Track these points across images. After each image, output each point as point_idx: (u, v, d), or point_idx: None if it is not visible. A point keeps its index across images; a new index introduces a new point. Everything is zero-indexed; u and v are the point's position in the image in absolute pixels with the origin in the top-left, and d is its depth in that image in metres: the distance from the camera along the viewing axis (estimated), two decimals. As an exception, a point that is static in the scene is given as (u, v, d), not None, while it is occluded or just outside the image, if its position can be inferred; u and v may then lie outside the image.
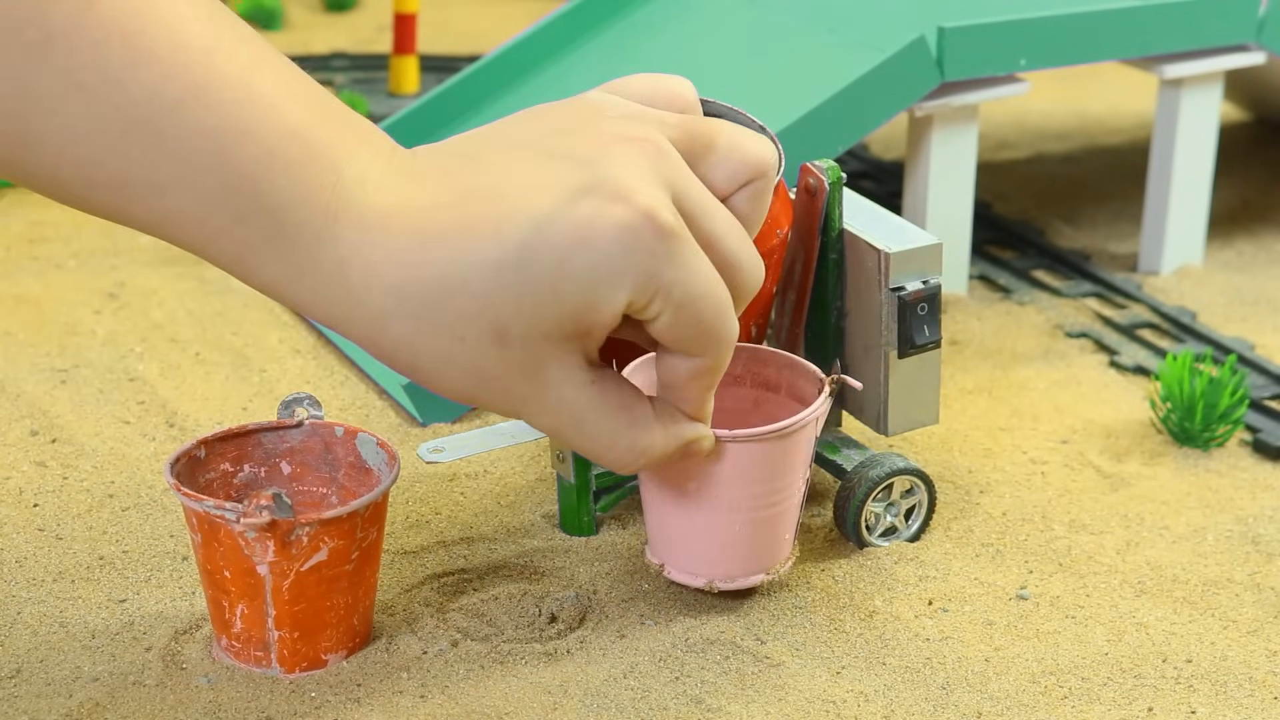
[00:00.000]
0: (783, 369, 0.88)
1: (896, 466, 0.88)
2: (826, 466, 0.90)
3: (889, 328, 0.87)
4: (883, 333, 0.87)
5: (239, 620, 0.77)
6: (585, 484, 0.88)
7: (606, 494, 0.89)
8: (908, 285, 0.86)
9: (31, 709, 0.75)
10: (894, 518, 0.89)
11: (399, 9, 1.54)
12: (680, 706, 0.77)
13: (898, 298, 0.86)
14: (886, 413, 0.88)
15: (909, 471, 0.89)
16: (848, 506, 0.88)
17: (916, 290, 0.86)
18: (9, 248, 1.22)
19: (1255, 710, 0.78)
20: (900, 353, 0.87)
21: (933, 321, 0.87)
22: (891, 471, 0.88)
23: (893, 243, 0.86)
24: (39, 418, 0.99)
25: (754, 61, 1.16)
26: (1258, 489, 0.96)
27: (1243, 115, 1.56)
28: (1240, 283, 1.24)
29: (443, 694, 0.77)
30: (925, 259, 0.87)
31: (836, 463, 0.89)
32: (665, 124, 0.72)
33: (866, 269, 0.87)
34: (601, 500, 0.89)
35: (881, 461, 0.88)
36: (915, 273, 0.87)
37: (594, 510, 0.89)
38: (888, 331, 0.87)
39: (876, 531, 0.89)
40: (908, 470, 0.88)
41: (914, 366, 0.88)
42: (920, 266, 0.87)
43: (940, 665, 0.80)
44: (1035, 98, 1.51)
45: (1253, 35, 1.18)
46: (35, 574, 0.85)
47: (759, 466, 0.81)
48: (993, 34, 1.10)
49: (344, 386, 1.04)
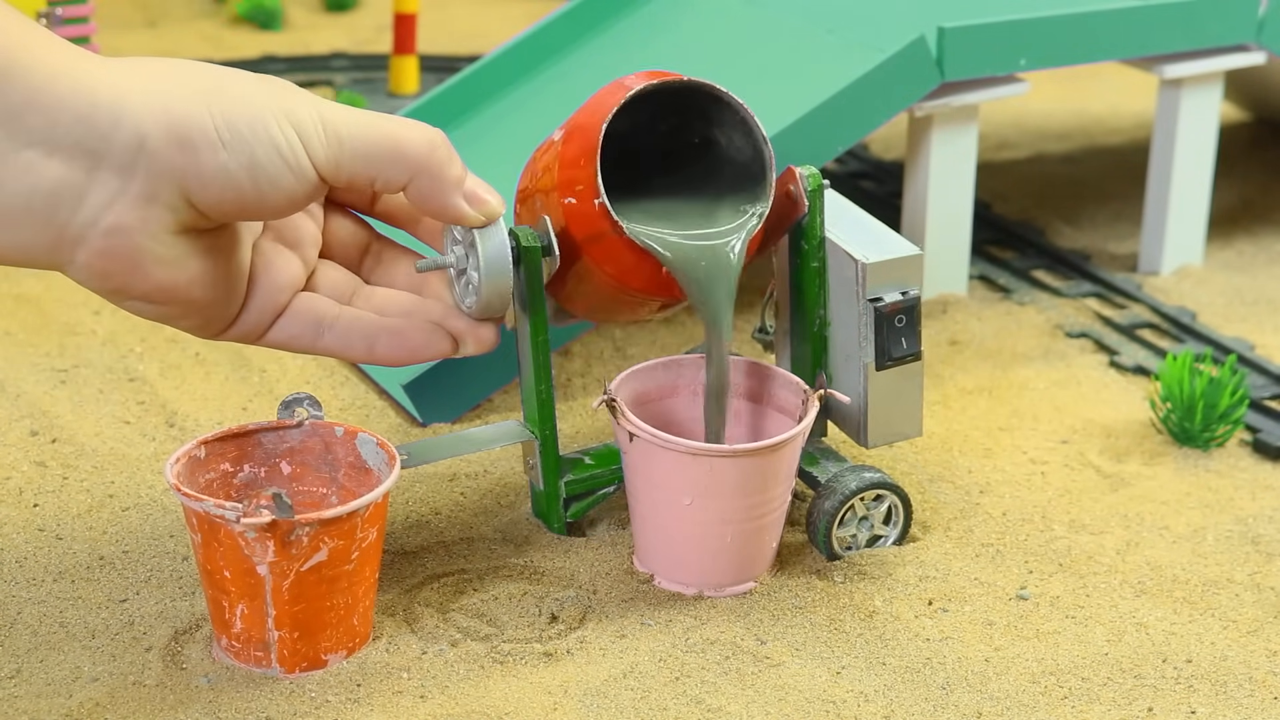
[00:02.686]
0: (765, 380, 0.88)
1: (850, 489, 0.86)
2: (804, 478, 0.90)
3: (866, 339, 0.86)
4: (860, 344, 0.86)
5: (239, 620, 0.77)
6: (555, 491, 0.88)
7: (577, 501, 0.88)
8: (885, 296, 0.85)
9: (31, 709, 0.75)
10: (870, 530, 0.88)
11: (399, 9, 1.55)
12: (680, 706, 0.77)
13: (874, 309, 0.85)
14: (866, 425, 0.87)
15: (869, 487, 0.87)
16: (817, 540, 0.87)
17: (894, 302, 0.85)
18: (9, 248, 1.22)
19: (1255, 710, 0.78)
20: (878, 365, 0.86)
21: (911, 334, 0.86)
22: (846, 496, 0.86)
23: (871, 253, 0.85)
24: (39, 418, 0.99)
25: (754, 61, 1.16)
26: (1258, 489, 0.96)
27: (1243, 115, 1.56)
28: (1240, 283, 1.24)
29: (443, 694, 0.77)
30: (904, 270, 0.85)
31: (813, 475, 0.89)
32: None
33: (846, 278, 0.86)
34: (572, 507, 0.88)
35: (835, 487, 0.87)
36: (894, 284, 0.85)
37: (564, 516, 0.88)
38: (865, 343, 0.86)
39: (858, 549, 0.88)
40: (865, 487, 0.87)
41: (893, 379, 0.87)
42: (899, 277, 0.85)
43: (940, 665, 0.80)
44: (1035, 98, 1.51)
45: (1253, 35, 1.18)
46: (35, 574, 0.85)
47: (751, 479, 0.81)
48: (993, 34, 1.10)
49: (344, 386, 1.04)
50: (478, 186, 0.78)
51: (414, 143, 0.75)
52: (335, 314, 0.80)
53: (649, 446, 0.82)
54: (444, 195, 0.76)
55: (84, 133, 0.69)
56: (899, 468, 0.96)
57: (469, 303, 0.80)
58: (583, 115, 0.82)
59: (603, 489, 0.89)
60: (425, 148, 0.75)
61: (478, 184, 0.78)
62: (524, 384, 0.86)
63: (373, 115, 0.75)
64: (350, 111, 0.75)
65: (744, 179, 0.84)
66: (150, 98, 0.70)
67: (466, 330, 0.81)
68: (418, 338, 0.80)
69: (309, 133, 0.72)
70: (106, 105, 0.69)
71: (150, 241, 0.71)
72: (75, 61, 0.70)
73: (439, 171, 0.76)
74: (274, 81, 0.74)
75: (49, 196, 0.69)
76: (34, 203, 0.69)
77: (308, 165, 0.73)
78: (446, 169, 0.76)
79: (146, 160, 0.70)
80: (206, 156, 0.70)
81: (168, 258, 0.72)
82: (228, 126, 0.71)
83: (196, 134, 0.70)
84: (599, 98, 0.82)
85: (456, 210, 0.77)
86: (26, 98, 0.68)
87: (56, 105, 0.68)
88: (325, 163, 0.73)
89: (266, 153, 0.71)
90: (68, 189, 0.69)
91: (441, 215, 0.78)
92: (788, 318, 0.90)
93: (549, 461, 0.87)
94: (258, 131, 0.71)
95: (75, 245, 0.71)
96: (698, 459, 0.81)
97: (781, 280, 0.90)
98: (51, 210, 0.69)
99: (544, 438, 0.86)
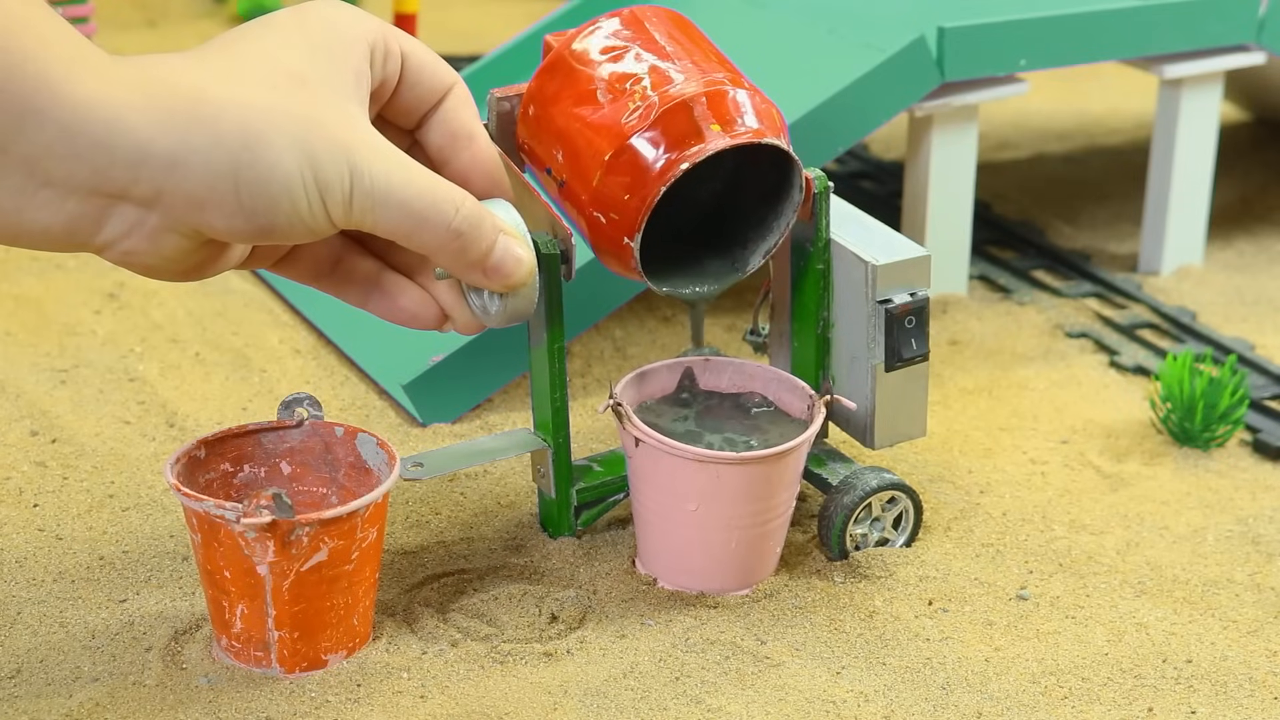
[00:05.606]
0: (770, 384, 0.88)
1: (871, 487, 0.87)
2: (811, 479, 0.90)
3: (875, 341, 0.86)
4: (869, 346, 0.86)
5: (239, 620, 0.77)
6: (566, 499, 0.87)
7: (587, 509, 0.88)
8: (895, 298, 0.85)
9: (31, 709, 0.75)
10: (880, 532, 0.88)
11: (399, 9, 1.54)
12: (680, 706, 0.77)
13: (885, 310, 0.85)
14: (873, 426, 0.87)
15: (885, 488, 0.87)
16: (829, 536, 0.87)
17: (904, 303, 0.85)
18: (9, 248, 1.22)
19: (1255, 710, 0.78)
20: (887, 366, 0.86)
21: (920, 334, 0.86)
22: (866, 494, 0.87)
23: (880, 254, 0.85)
24: (39, 418, 0.99)
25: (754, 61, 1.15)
26: (1258, 489, 0.96)
27: (1243, 115, 1.56)
28: (1240, 283, 1.24)
29: (443, 694, 0.77)
30: (913, 271, 0.86)
31: (822, 476, 0.89)
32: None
33: (853, 281, 0.86)
34: (582, 515, 0.88)
35: (855, 484, 0.87)
36: (903, 285, 0.86)
37: (575, 525, 0.88)
38: (874, 344, 0.86)
39: (867, 549, 0.88)
40: (885, 486, 0.87)
41: (901, 380, 0.87)
42: (908, 279, 0.86)
43: (940, 665, 0.80)
44: (1035, 98, 1.51)
45: (1253, 35, 1.18)
46: (35, 574, 0.85)
47: (757, 485, 0.81)
48: (993, 34, 1.10)
49: (344, 386, 1.04)
50: (504, 259, 0.76)
51: (435, 226, 0.73)
52: (338, 257, 0.80)
53: (655, 452, 0.82)
54: (464, 273, 0.76)
55: (101, 181, 0.68)
56: (899, 468, 0.96)
57: (483, 315, 0.79)
58: (643, 141, 0.78)
59: (612, 496, 0.88)
60: (446, 234, 0.73)
61: (505, 255, 0.76)
62: (537, 391, 0.85)
63: (405, 178, 0.72)
64: (380, 168, 0.72)
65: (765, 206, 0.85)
66: (174, 152, 0.68)
67: (461, 314, 0.79)
68: (411, 305, 0.79)
69: (333, 192, 0.71)
70: (126, 159, 0.68)
71: (167, 262, 0.72)
72: (101, 90, 0.68)
73: (460, 253, 0.74)
74: (312, 110, 0.71)
75: (69, 224, 0.69)
76: (54, 229, 0.69)
77: (324, 223, 0.71)
78: (468, 252, 0.74)
79: (165, 205, 0.69)
80: (224, 213, 0.70)
81: (184, 267, 0.73)
82: (250, 192, 0.69)
83: (217, 197, 0.69)
84: (664, 130, 0.78)
85: (476, 284, 0.77)
86: (45, 146, 0.67)
87: (74, 156, 0.67)
88: (343, 222, 0.72)
89: (285, 214, 0.70)
90: (87, 218, 0.69)
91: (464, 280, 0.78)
92: (786, 320, 0.90)
93: (562, 470, 0.86)
94: (279, 201, 0.70)
95: (96, 252, 0.71)
96: (704, 465, 0.81)
97: (780, 282, 0.90)
98: (71, 234, 0.69)
99: (557, 446, 0.86)
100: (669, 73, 0.80)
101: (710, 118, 0.78)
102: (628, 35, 0.82)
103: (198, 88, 0.69)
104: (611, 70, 0.80)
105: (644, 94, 0.79)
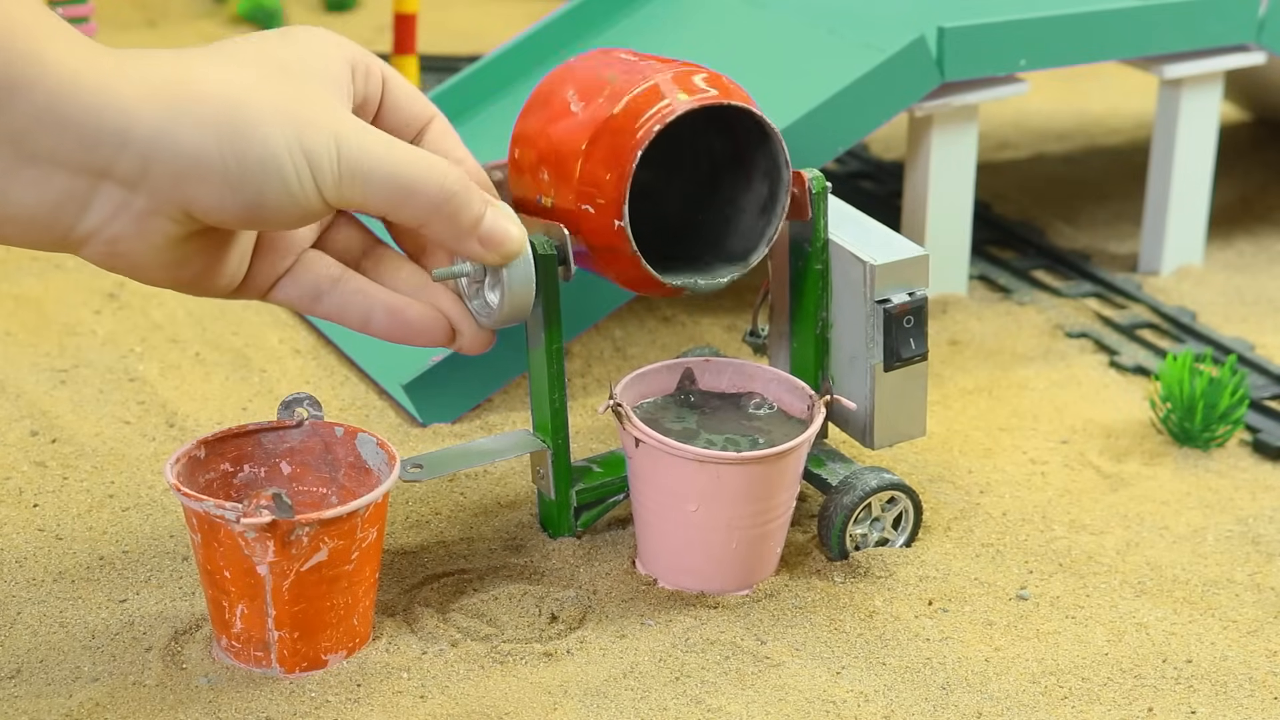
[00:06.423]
0: (770, 384, 0.88)
1: (871, 487, 0.87)
2: (811, 480, 0.90)
3: (874, 340, 0.86)
4: (868, 346, 0.86)
5: (239, 620, 0.77)
6: (566, 500, 0.87)
7: (587, 510, 0.88)
8: (894, 298, 0.85)
9: (31, 709, 0.75)
10: (880, 532, 0.88)
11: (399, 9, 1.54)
12: (680, 706, 0.77)
13: (883, 310, 0.85)
14: (872, 427, 0.87)
15: (885, 488, 0.87)
16: (829, 536, 0.87)
17: (903, 303, 0.85)
18: (9, 248, 1.22)
19: (1255, 710, 0.78)
20: (886, 366, 0.86)
21: (919, 334, 0.86)
22: (866, 493, 0.87)
23: (878, 254, 0.85)
24: (39, 418, 0.99)
25: (754, 61, 1.15)
26: (1258, 489, 0.96)
27: (1243, 115, 1.56)
28: (1240, 283, 1.24)
29: (443, 694, 0.77)
30: (912, 271, 0.86)
31: (822, 477, 0.89)
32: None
33: (852, 281, 0.86)
34: (582, 516, 0.88)
35: (855, 484, 0.87)
36: (901, 285, 0.86)
37: (575, 526, 0.88)
38: (873, 344, 0.86)
39: (867, 549, 0.88)
40: (885, 486, 0.87)
41: (900, 379, 0.87)
42: (906, 278, 0.86)
43: (940, 665, 0.80)
44: (1035, 98, 1.51)
45: (1253, 35, 1.18)
46: (35, 574, 0.85)
47: (757, 485, 0.81)
48: (993, 34, 1.10)
49: (344, 386, 1.04)
50: (495, 226, 0.76)
51: (427, 189, 0.74)
52: (336, 277, 0.80)
53: (655, 452, 0.82)
54: (457, 240, 0.76)
55: (87, 155, 0.68)
56: (899, 468, 0.96)
57: (486, 316, 0.80)
58: (615, 118, 0.80)
59: (612, 497, 0.88)
60: (438, 196, 0.74)
61: (496, 222, 0.77)
62: (536, 392, 0.85)
63: (390, 149, 0.73)
64: (368, 140, 0.73)
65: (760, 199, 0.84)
66: (160, 125, 0.69)
67: (468, 327, 0.80)
68: (417, 320, 0.80)
69: (322, 166, 0.71)
70: (112, 130, 0.68)
71: (153, 251, 0.72)
72: (89, 66, 0.68)
73: (452, 218, 0.75)
74: (299, 93, 0.72)
75: (53, 206, 0.69)
76: (39, 212, 0.69)
77: (315, 200, 0.72)
78: (460, 216, 0.75)
79: (151, 183, 0.69)
80: (212, 191, 0.70)
81: (171, 261, 0.73)
82: (238, 165, 0.70)
83: (203, 171, 0.69)
84: (633, 106, 0.80)
85: (471, 254, 0.77)
86: (33, 118, 0.67)
87: (61, 128, 0.68)
88: (334, 198, 0.72)
89: (274, 191, 0.71)
90: (72, 199, 0.69)
91: (458, 254, 0.78)
92: (785, 320, 0.90)
93: (561, 471, 0.86)
94: (269, 170, 0.70)
95: (80, 245, 0.71)
96: (704, 465, 0.81)
97: (779, 283, 0.90)
98: (55, 217, 0.69)
99: (556, 447, 0.86)
100: (637, 67, 0.82)
101: (677, 89, 0.80)
102: (597, 57, 0.84)
103: (185, 67, 0.71)
104: (583, 83, 0.82)
105: (614, 87, 0.81)
